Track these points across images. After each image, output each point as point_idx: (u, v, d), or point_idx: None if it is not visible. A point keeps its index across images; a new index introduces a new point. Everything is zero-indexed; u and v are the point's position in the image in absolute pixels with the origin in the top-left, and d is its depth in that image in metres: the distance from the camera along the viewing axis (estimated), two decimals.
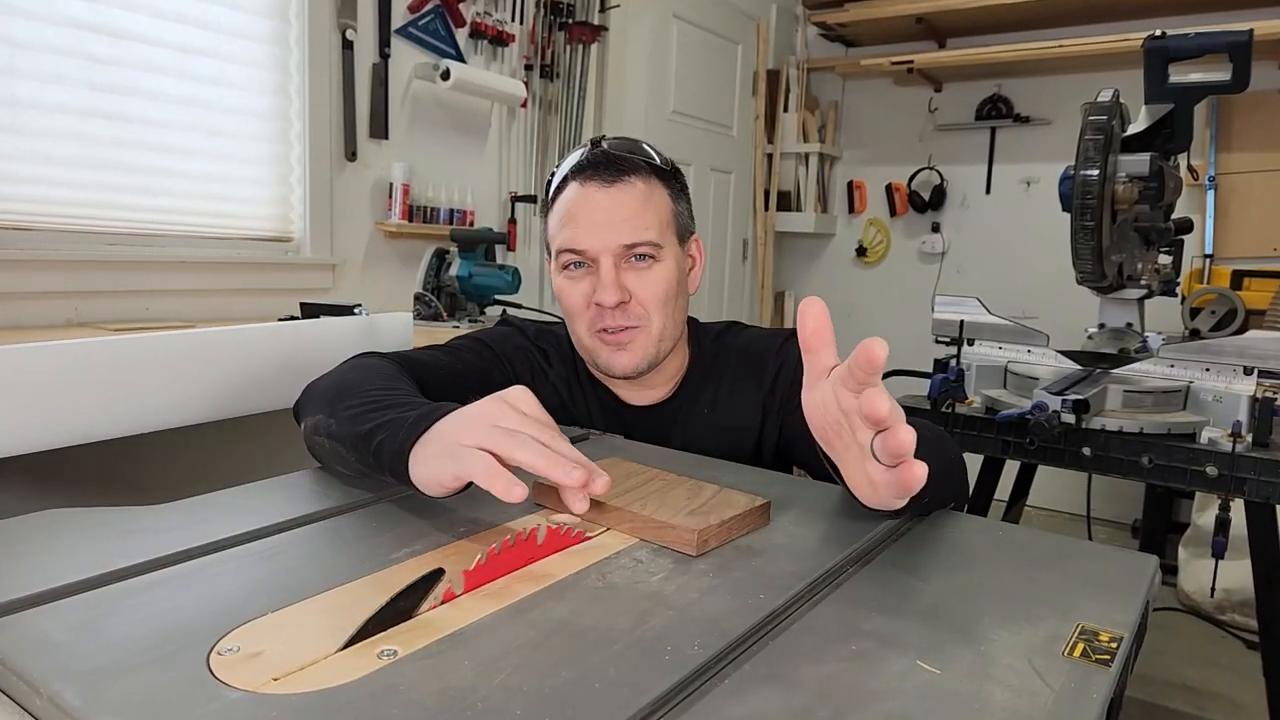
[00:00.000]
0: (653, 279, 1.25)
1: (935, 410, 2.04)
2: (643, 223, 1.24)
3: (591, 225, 1.23)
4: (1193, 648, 3.16)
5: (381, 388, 1.02)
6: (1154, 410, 1.91)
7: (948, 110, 4.70)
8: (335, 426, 0.96)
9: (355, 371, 1.09)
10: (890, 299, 4.93)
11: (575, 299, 1.27)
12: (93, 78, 2.26)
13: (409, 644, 0.60)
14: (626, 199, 1.24)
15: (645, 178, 1.26)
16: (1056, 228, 2.54)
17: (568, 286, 1.27)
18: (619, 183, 1.24)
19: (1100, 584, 0.77)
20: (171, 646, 0.58)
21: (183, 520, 0.82)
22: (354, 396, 0.99)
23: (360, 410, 0.95)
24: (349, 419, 0.95)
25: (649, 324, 1.26)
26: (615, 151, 1.26)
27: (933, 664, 0.60)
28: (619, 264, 1.24)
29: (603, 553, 0.78)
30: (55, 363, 1.13)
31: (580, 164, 1.26)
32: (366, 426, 0.91)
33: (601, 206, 1.23)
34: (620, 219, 1.23)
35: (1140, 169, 2.06)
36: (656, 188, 1.27)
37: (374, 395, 0.98)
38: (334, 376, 1.09)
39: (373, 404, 0.96)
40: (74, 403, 1.15)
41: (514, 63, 3.47)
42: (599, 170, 1.24)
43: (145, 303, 2.38)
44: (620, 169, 1.24)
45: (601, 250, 1.23)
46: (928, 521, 0.93)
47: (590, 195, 1.24)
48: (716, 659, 0.60)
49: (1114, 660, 0.62)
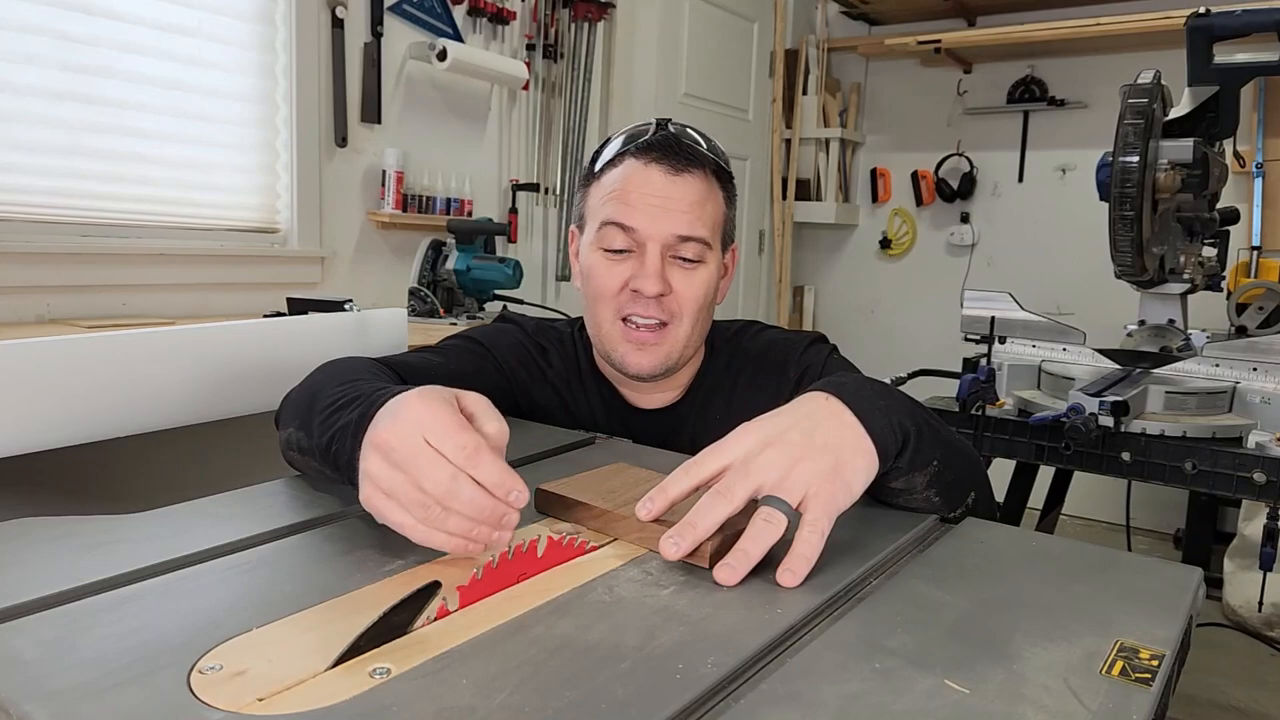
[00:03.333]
0: (696, 280, 1.24)
1: (964, 413, 2.04)
2: (700, 218, 1.23)
3: (647, 208, 1.21)
4: (1239, 666, 3.15)
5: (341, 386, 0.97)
6: (1198, 413, 1.90)
7: (978, 93, 4.69)
8: (305, 439, 0.95)
9: (323, 374, 1.06)
10: (916, 294, 4.92)
11: (609, 281, 1.24)
12: (66, 57, 2.27)
13: (402, 662, 0.59)
14: (689, 191, 1.22)
15: (707, 175, 1.25)
16: (1094, 218, 2.53)
17: (602, 266, 1.25)
18: (685, 173, 1.22)
19: (1140, 598, 0.76)
20: (149, 664, 0.58)
21: (161, 530, 0.82)
22: (318, 402, 0.96)
23: (322, 418, 0.92)
24: (312, 429, 0.93)
25: (679, 325, 1.25)
26: (686, 140, 1.25)
27: (961, 683, 0.60)
28: (665, 255, 1.22)
29: (609, 565, 0.77)
30: (25, 362, 1.13)
31: (647, 142, 1.24)
32: (326, 437, 0.89)
33: (662, 192, 1.22)
34: (679, 209, 1.21)
35: (1183, 155, 2.06)
36: (715, 188, 1.27)
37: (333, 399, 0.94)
38: (306, 383, 1.06)
39: (331, 408, 0.92)
40: (45, 405, 1.15)
41: (515, 42, 3.48)
42: (667, 154, 1.22)
43: (121, 298, 2.39)
44: (689, 159, 1.23)
45: (653, 235, 1.21)
46: (955, 531, 0.93)
47: (651, 177, 1.22)
48: (731, 677, 0.59)
49: (1155, 679, 0.62)
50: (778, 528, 0.75)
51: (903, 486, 0.92)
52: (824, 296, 5.21)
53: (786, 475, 0.77)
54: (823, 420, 0.83)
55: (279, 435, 1.05)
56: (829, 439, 0.81)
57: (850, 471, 0.80)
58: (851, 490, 0.80)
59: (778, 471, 0.77)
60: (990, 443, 2.05)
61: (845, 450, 0.81)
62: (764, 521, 0.75)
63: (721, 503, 0.76)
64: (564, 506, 0.89)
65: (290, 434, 0.98)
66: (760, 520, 0.76)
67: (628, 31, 3.87)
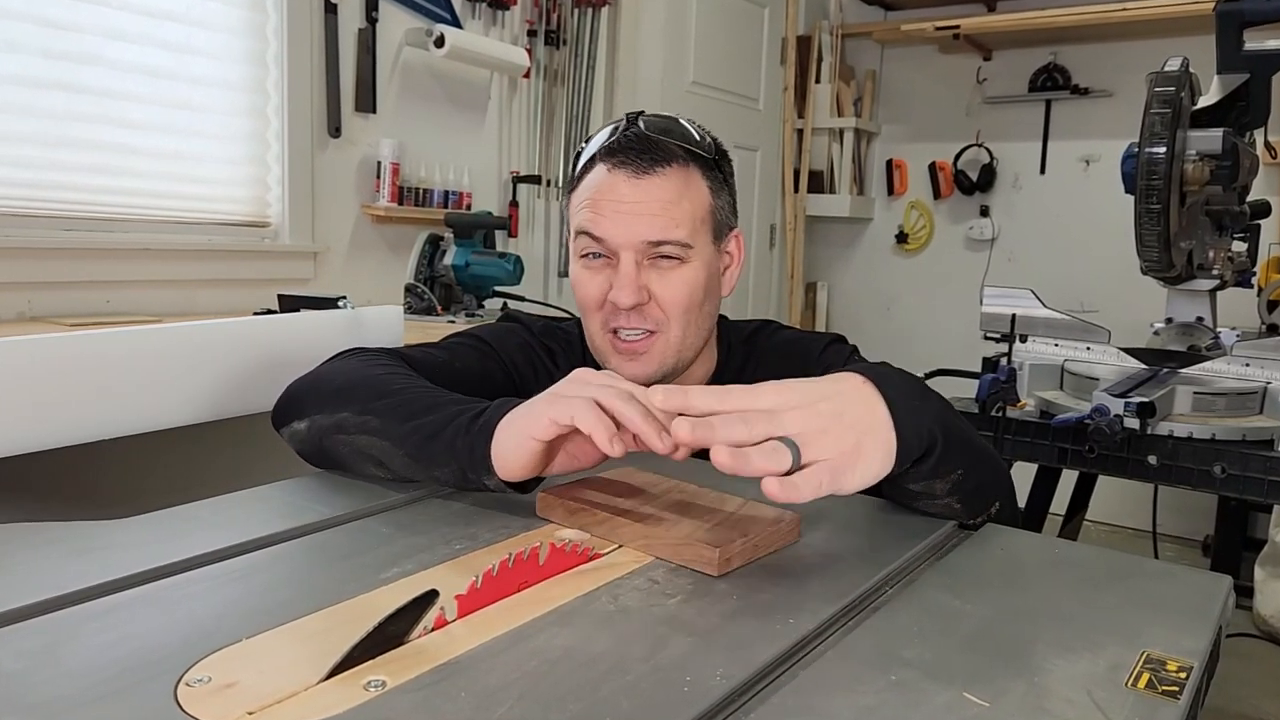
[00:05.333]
0: (676, 282, 1.23)
1: (984, 414, 2.04)
2: (673, 219, 1.21)
3: (615, 216, 1.21)
4: (1271, 678, 3.15)
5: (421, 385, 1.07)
6: (1227, 414, 1.90)
7: (998, 81, 4.68)
8: (377, 422, 1.00)
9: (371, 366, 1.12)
10: (933, 290, 4.92)
11: (591, 292, 1.25)
12: (49, 45, 2.27)
13: (399, 674, 0.59)
14: (658, 192, 1.21)
15: (683, 166, 1.24)
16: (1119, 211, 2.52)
17: (584, 277, 1.26)
18: (651, 174, 1.21)
19: (1167, 607, 0.76)
20: (135, 676, 0.58)
21: (148, 536, 0.83)
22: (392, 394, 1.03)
23: (410, 403, 1.00)
24: (393, 412, 1.00)
25: (667, 331, 1.24)
26: (651, 134, 1.23)
27: (981, 696, 0.60)
28: (641, 261, 1.22)
29: (614, 573, 0.78)
30: (6, 362, 1.14)
31: (611, 145, 1.24)
32: (429, 419, 0.97)
33: (628, 198, 1.21)
34: (648, 213, 1.21)
35: (1212, 146, 2.05)
36: (695, 178, 1.25)
37: (418, 392, 1.04)
38: (344, 373, 1.11)
39: (427, 399, 1.01)
40: (27, 406, 1.16)
41: (516, 28, 3.48)
42: (630, 156, 1.22)
43: (106, 295, 2.39)
44: (654, 157, 1.22)
45: (623, 244, 1.21)
46: (975, 537, 0.93)
47: (617, 184, 1.22)
48: (741, 690, 0.59)
49: (1183, 692, 0.62)
50: (781, 460, 0.76)
51: (921, 490, 0.93)
52: (837, 293, 5.21)
53: (807, 439, 0.78)
54: (855, 403, 0.83)
55: (306, 422, 1.08)
56: (857, 423, 0.81)
57: (866, 459, 0.81)
58: (860, 474, 0.81)
59: (800, 430, 0.78)
60: (1011, 445, 2.04)
61: (868, 439, 0.81)
62: (773, 447, 0.76)
63: (742, 427, 0.77)
64: (568, 511, 0.89)
65: (344, 418, 1.03)
66: (770, 445, 0.76)
67: (633, 16, 3.87)
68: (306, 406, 1.09)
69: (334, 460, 1.07)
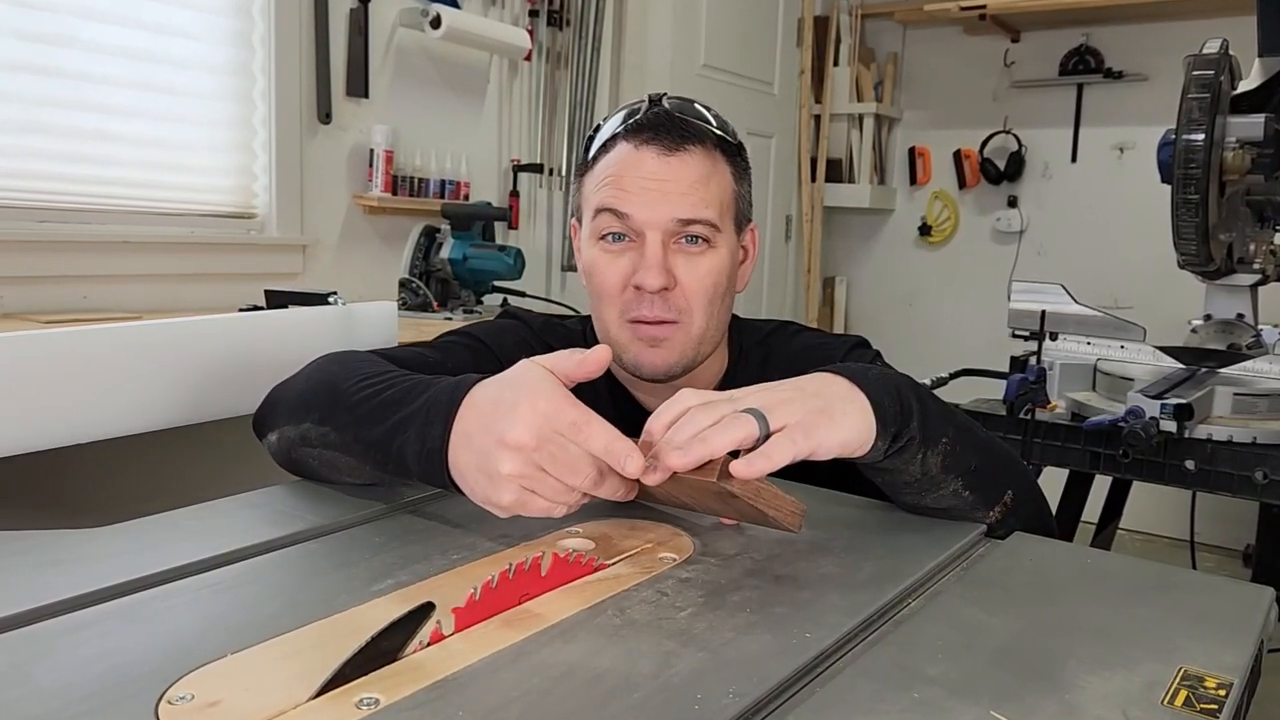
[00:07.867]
0: (704, 267, 1.23)
1: (1012, 416, 2.04)
2: (702, 198, 1.22)
3: (642, 193, 1.21)
4: None
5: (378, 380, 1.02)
6: (1269, 416, 1.90)
7: (1027, 64, 4.68)
8: (335, 435, 0.98)
9: (337, 366, 1.09)
10: (958, 285, 4.91)
11: (611, 278, 1.24)
12: (22, 25, 2.28)
13: (393, 691, 0.59)
14: (688, 170, 1.22)
15: (709, 150, 1.24)
16: (1155, 202, 2.52)
17: (603, 261, 1.25)
18: (680, 151, 1.22)
19: (1206, 621, 0.76)
20: (114, 694, 0.58)
21: (127, 546, 0.83)
22: (350, 398, 1.00)
23: (365, 412, 0.97)
24: (352, 424, 0.97)
25: (689, 321, 1.24)
26: (679, 114, 1.24)
27: (1009, 715, 0.60)
28: (668, 243, 1.22)
29: (620, 585, 0.78)
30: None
31: (638, 122, 1.24)
32: (379, 431, 0.94)
33: (656, 175, 1.21)
34: (677, 191, 1.21)
35: (1253, 133, 2.05)
36: (720, 163, 1.26)
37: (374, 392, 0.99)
38: (310, 379, 1.09)
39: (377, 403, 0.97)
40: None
41: (516, 8, 3.48)
42: (659, 133, 1.22)
43: (83, 290, 2.40)
44: (683, 135, 1.22)
45: (651, 223, 1.21)
46: (1002, 547, 0.93)
47: (644, 160, 1.22)
48: (754, 709, 0.59)
49: (1222, 710, 0.62)
50: (747, 428, 0.79)
51: (920, 472, 0.94)
52: (857, 288, 5.20)
53: (770, 406, 0.82)
54: (814, 380, 0.91)
55: (276, 433, 1.07)
56: (821, 391, 0.88)
57: (840, 418, 0.86)
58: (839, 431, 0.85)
59: (761, 402, 0.83)
60: (1040, 450, 2.04)
61: (837, 403, 0.87)
62: (734, 417, 0.79)
63: (704, 414, 0.81)
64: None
65: (306, 430, 1.02)
66: (730, 416, 0.79)
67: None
68: (277, 417, 1.09)
69: (308, 472, 1.07)
